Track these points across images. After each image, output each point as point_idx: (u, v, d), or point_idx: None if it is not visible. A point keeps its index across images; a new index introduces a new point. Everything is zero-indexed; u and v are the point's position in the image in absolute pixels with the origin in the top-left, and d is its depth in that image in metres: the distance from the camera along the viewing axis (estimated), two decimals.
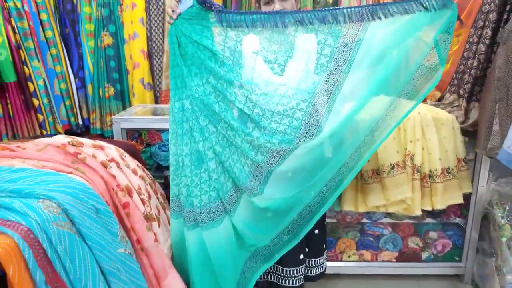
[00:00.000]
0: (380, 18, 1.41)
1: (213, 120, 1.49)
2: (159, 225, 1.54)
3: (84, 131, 3.08)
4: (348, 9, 1.42)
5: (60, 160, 1.37)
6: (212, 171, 1.52)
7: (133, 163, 1.59)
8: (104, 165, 1.42)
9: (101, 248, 1.22)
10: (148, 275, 1.44)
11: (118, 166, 1.46)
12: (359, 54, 1.43)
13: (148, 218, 1.48)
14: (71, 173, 1.32)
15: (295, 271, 1.77)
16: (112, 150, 1.51)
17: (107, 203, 1.34)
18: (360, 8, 1.42)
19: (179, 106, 1.53)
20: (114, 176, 1.42)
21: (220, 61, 1.47)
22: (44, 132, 2.71)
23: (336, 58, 1.44)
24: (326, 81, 1.45)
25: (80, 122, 3.06)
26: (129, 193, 1.44)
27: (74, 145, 1.44)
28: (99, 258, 1.20)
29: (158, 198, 1.67)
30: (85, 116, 3.09)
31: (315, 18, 1.42)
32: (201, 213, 1.55)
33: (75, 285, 1.11)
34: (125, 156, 1.57)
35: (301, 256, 1.77)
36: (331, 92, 1.46)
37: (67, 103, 2.94)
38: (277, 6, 1.57)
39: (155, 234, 1.49)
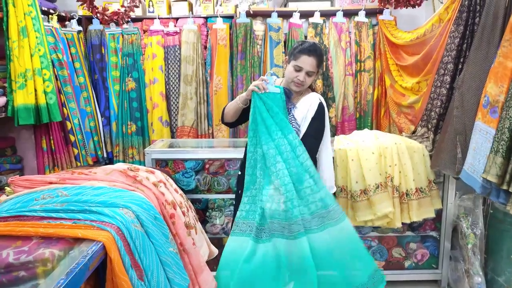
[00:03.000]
0: None
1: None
2: (196, 233, 1.96)
3: (108, 163, 3.51)
4: None
5: (124, 181, 1.81)
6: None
7: (174, 184, 2.03)
8: (155, 185, 1.86)
9: (160, 245, 1.63)
10: (188, 270, 1.84)
11: (165, 186, 1.90)
12: None
13: (187, 226, 1.90)
14: (134, 190, 1.75)
15: None
16: (160, 174, 1.95)
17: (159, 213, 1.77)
18: None
19: (261, 152, 1.95)
20: (163, 194, 1.85)
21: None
22: (78, 164, 3.13)
23: None
24: None
25: (105, 155, 3.49)
26: (174, 207, 1.87)
27: (132, 170, 1.88)
28: (159, 252, 1.62)
29: (192, 212, 2.10)
30: (109, 150, 3.53)
31: None
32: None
33: (146, 271, 1.52)
34: (168, 179, 2.01)
35: None
36: None
37: (95, 138, 3.39)
38: (300, 77, 1.97)
39: (193, 239, 1.91)
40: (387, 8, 3.43)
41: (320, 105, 2.06)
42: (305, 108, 2.03)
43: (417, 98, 3.00)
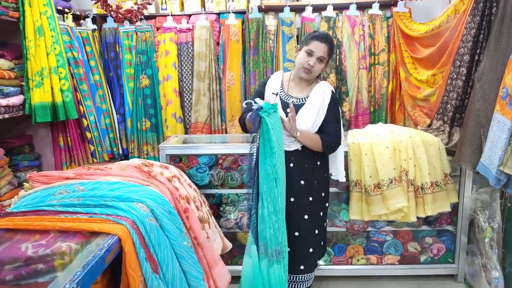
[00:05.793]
0: None
1: None
2: (209, 227, 1.98)
3: (124, 159, 3.55)
4: None
5: (139, 176, 1.83)
6: None
7: (188, 179, 2.06)
8: (169, 180, 1.88)
9: (174, 239, 1.65)
10: (203, 264, 1.86)
11: (179, 181, 1.92)
12: None
13: (201, 220, 1.92)
14: (148, 185, 1.78)
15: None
16: (173, 169, 1.98)
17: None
18: None
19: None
20: (177, 188, 1.88)
21: None
22: (95, 160, 3.19)
23: None
24: None
25: (121, 152, 3.54)
26: (188, 201, 1.89)
27: (146, 166, 1.90)
28: (174, 245, 1.64)
29: (206, 207, 2.12)
30: (124, 146, 3.57)
31: None
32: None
33: (161, 264, 1.54)
34: (182, 174, 2.03)
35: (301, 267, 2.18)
36: None
37: (111, 135, 3.44)
38: (311, 62, 1.98)
39: (207, 233, 1.93)
40: (402, 0, 3.38)
41: (333, 93, 2.13)
42: (320, 96, 2.07)
43: (433, 90, 2.95)
